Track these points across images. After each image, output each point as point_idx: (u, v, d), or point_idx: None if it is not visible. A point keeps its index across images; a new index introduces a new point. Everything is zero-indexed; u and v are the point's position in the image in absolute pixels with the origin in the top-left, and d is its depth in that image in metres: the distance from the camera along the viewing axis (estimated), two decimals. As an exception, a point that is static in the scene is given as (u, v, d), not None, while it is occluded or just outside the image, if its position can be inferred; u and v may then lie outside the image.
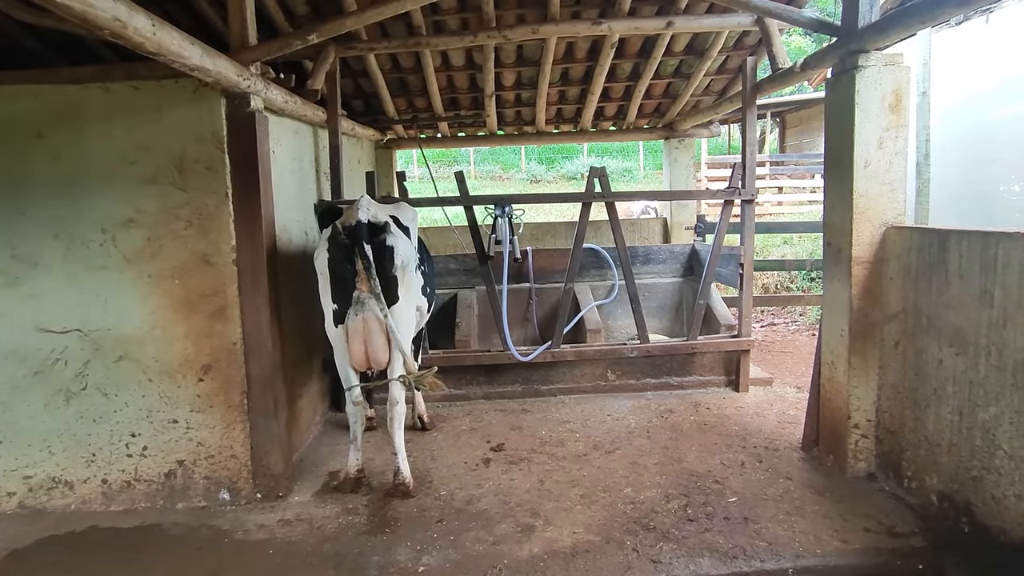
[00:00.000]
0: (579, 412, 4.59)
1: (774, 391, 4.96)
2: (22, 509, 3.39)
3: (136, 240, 3.29)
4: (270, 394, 3.39)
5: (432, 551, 2.89)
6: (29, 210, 3.25)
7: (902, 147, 3.29)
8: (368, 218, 3.25)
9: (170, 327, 3.33)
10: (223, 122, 3.23)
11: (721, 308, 5.19)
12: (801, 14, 3.88)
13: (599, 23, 4.78)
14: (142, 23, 2.34)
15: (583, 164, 19.68)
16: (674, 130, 7.20)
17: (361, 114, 6.40)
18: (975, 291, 2.73)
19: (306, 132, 4.59)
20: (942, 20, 3.37)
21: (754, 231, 4.84)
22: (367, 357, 3.34)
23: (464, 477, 3.63)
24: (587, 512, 3.18)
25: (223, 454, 3.41)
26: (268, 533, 3.11)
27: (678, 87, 6.36)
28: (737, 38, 5.51)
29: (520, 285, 5.50)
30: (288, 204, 4.00)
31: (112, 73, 3.27)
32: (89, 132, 3.23)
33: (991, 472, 2.67)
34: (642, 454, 3.84)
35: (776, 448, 3.87)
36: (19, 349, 3.31)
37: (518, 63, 5.71)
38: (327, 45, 4.58)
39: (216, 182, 3.26)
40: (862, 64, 3.22)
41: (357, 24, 3.79)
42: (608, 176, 4.74)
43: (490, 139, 7.48)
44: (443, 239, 7.22)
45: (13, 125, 3.23)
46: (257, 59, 3.32)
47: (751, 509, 3.15)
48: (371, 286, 3.18)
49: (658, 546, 2.86)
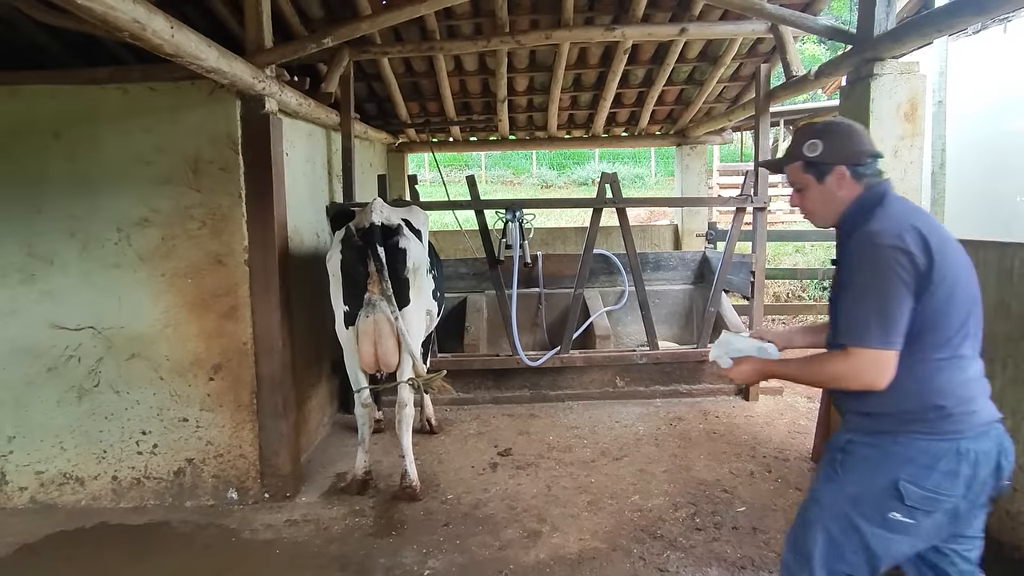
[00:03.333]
0: (587, 418, 4.57)
1: (784, 400, 4.92)
2: (33, 504, 3.42)
3: (150, 239, 3.32)
4: (279, 395, 3.40)
5: (438, 555, 2.89)
6: (46, 208, 3.30)
7: (917, 156, 3.26)
8: (381, 220, 3.26)
9: (182, 326, 3.35)
10: (238, 124, 3.26)
11: (732, 316, 5.16)
12: (816, 22, 3.86)
13: (612, 29, 4.79)
14: (160, 25, 2.37)
15: (594, 170, 19.65)
16: (686, 136, 7.19)
17: (374, 117, 6.44)
18: (991, 302, 2.69)
19: (319, 135, 4.62)
20: (959, 29, 3.34)
21: (766, 239, 4.81)
22: (377, 359, 3.35)
23: (471, 481, 3.63)
24: (594, 519, 3.17)
25: (232, 453, 3.43)
26: (275, 533, 3.12)
27: (691, 94, 6.35)
28: (751, 45, 5.50)
29: (530, 290, 5.49)
30: (300, 206, 4.03)
31: (130, 74, 3.31)
32: (106, 132, 3.27)
33: (1006, 486, 2.63)
34: (650, 461, 3.82)
35: (786, 458, 3.84)
36: (34, 346, 3.35)
37: (531, 68, 5.72)
38: (341, 49, 4.62)
39: (230, 183, 3.28)
40: (877, 72, 3.19)
41: (371, 28, 3.82)
42: (619, 182, 4.73)
43: (502, 144, 7.51)
44: (453, 243, 7.23)
45: (31, 125, 3.27)
46: (272, 62, 3.35)
47: (760, 519, 3.12)
48: (383, 288, 3.19)
49: (665, 555, 2.84)
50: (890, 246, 1.59)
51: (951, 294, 1.61)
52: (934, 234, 1.62)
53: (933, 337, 1.63)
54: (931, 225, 1.65)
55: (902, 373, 1.63)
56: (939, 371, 1.64)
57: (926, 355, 1.64)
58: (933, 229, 1.64)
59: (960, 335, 1.64)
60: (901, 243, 1.58)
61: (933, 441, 1.63)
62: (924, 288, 1.59)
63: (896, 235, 1.59)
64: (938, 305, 1.60)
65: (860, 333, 1.61)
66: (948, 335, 1.63)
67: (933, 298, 1.59)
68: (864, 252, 1.63)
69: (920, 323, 1.61)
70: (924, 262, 1.58)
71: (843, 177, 1.74)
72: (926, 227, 1.62)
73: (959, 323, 1.63)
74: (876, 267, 1.60)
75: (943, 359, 1.64)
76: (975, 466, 1.61)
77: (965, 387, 1.65)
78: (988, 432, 1.65)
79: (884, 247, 1.60)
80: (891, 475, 1.65)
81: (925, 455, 1.63)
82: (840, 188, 1.75)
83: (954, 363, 1.64)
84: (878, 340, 1.59)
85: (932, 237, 1.60)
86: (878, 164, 1.76)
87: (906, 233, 1.60)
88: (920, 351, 1.63)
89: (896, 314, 1.58)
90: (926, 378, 1.64)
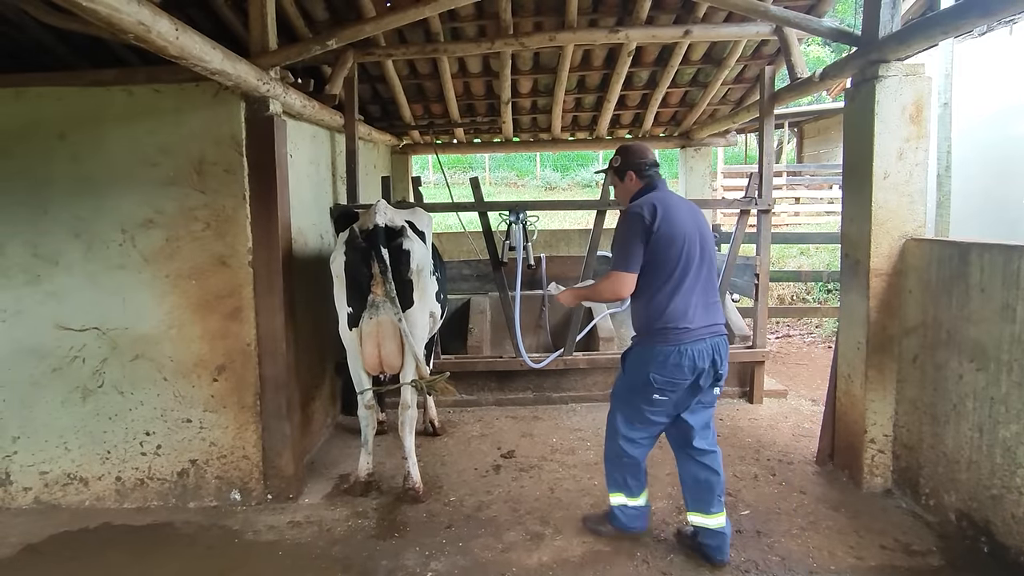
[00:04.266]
0: (591, 420, 4.56)
1: (789, 403, 4.90)
2: (37, 504, 3.43)
3: (155, 241, 3.33)
4: (283, 396, 3.40)
5: (441, 557, 2.88)
6: (51, 209, 3.31)
7: (922, 158, 3.25)
8: (385, 222, 3.26)
9: (186, 327, 3.36)
10: (242, 126, 3.26)
11: (736, 318, 5.14)
12: (821, 23, 3.85)
13: (616, 31, 4.78)
14: (165, 27, 2.38)
15: (598, 172, 19.63)
16: (690, 139, 7.17)
17: (378, 119, 6.44)
18: (997, 305, 2.68)
19: (323, 136, 4.63)
20: (965, 31, 3.34)
21: (770, 241, 4.80)
22: (380, 361, 3.35)
23: (474, 483, 3.62)
24: (597, 521, 3.16)
25: (235, 454, 3.43)
26: (278, 534, 3.12)
27: (695, 96, 6.34)
28: (755, 47, 5.48)
29: (533, 292, 5.48)
30: (304, 207, 4.03)
31: (135, 76, 3.32)
32: (111, 134, 3.29)
33: (1011, 491, 2.61)
34: (653, 464, 3.78)
35: (790, 461, 3.82)
36: (38, 346, 3.36)
37: (535, 70, 5.72)
38: (346, 50, 4.62)
39: (234, 185, 3.29)
40: (882, 74, 3.18)
41: (376, 30, 3.83)
42: (623, 184, 4.72)
43: (506, 146, 7.49)
44: (457, 245, 7.23)
45: (37, 126, 3.29)
46: (277, 64, 3.35)
47: (764, 523, 3.11)
48: (386, 290, 3.19)
49: (668, 558, 2.83)
50: (634, 213, 2.62)
51: (670, 242, 2.57)
52: (664, 205, 2.61)
53: (658, 274, 2.59)
54: (667, 202, 2.64)
55: (643, 304, 2.65)
56: (664, 300, 2.59)
57: (656, 289, 2.60)
58: (668, 204, 2.63)
59: (680, 271, 2.59)
60: (640, 211, 2.60)
61: (665, 347, 2.59)
62: (648, 238, 2.57)
63: (639, 207, 2.62)
64: (658, 249, 2.57)
65: (615, 263, 2.63)
66: (669, 271, 2.58)
67: (656, 245, 2.57)
68: (623, 218, 2.68)
69: (650, 261, 2.58)
70: (650, 222, 2.56)
71: (632, 178, 2.80)
72: (661, 203, 2.61)
73: (675, 262, 2.58)
74: (625, 226, 2.63)
75: (667, 290, 2.59)
76: (694, 359, 2.58)
77: (683, 310, 2.58)
78: (704, 339, 2.61)
79: (631, 214, 2.63)
80: (646, 370, 2.62)
81: (661, 355, 2.59)
82: (631, 183, 2.81)
83: (675, 293, 2.59)
84: (622, 267, 2.60)
85: (661, 207, 2.59)
86: (654, 169, 2.79)
87: (645, 206, 2.61)
88: (653, 286, 2.60)
89: (633, 252, 2.58)
90: (656, 306, 2.60)
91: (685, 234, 2.60)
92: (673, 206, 2.64)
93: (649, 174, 2.77)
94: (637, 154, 2.80)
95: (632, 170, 2.79)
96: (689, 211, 2.70)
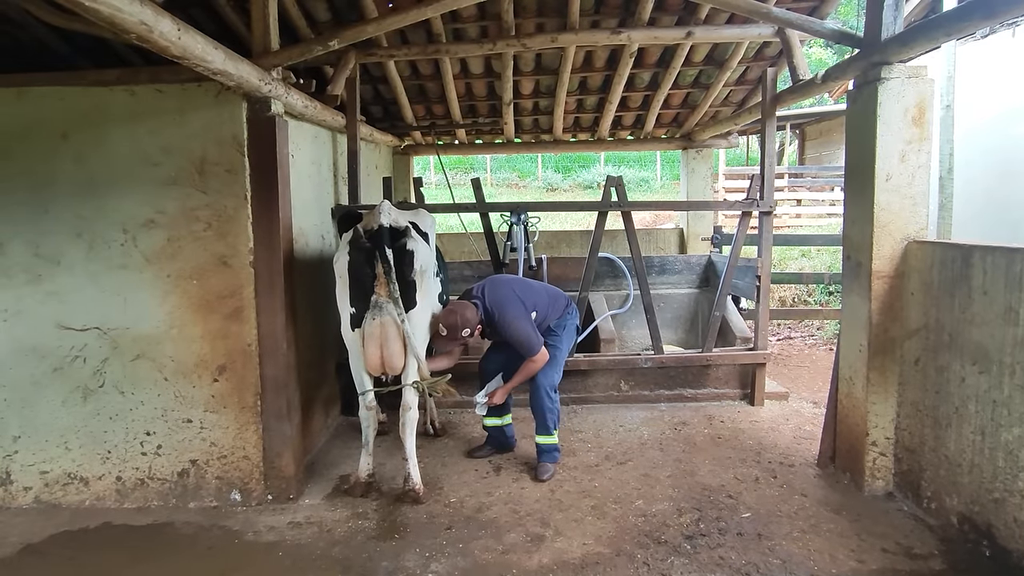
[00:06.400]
0: (591, 422, 4.55)
1: (790, 406, 4.89)
2: (38, 504, 3.43)
3: (156, 241, 3.33)
4: (283, 396, 3.40)
5: (441, 558, 2.88)
6: (53, 209, 3.31)
7: (925, 161, 3.24)
8: (390, 223, 3.25)
9: (187, 327, 3.36)
10: (244, 126, 3.26)
11: (737, 320, 5.14)
12: (823, 25, 3.84)
13: (618, 33, 4.78)
14: (167, 27, 2.38)
15: (600, 173, 19.62)
16: (692, 140, 7.17)
17: (379, 120, 6.45)
18: (999, 308, 2.68)
19: (325, 137, 4.63)
20: (967, 33, 3.33)
21: (772, 243, 4.79)
22: (382, 362, 3.34)
23: (474, 484, 3.62)
24: (598, 523, 3.15)
25: (236, 455, 3.43)
26: (278, 535, 3.12)
27: (697, 97, 6.34)
28: (757, 49, 5.48)
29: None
30: (306, 208, 4.04)
31: (138, 76, 3.32)
32: (113, 134, 3.29)
33: (1014, 495, 2.60)
34: (654, 466, 3.80)
35: (791, 464, 3.82)
36: (40, 346, 3.36)
37: (536, 71, 5.72)
38: (348, 51, 4.63)
39: (236, 185, 3.29)
40: (885, 76, 3.18)
41: (378, 31, 3.83)
42: (624, 185, 4.72)
43: (507, 147, 7.50)
44: (458, 246, 7.23)
45: (39, 126, 3.29)
46: (279, 64, 3.36)
47: (765, 525, 3.10)
48: (390, 290, 3.18)
49: (669, 560, 2.82)
50: (517, 313, 3.67)
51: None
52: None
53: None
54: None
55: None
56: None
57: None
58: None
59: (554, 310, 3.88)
60: (516, 312, 3.68)
61: (563, 318, 3.86)
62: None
63: (514, 314, 3.67)
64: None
65: (531, 347, 3.62)
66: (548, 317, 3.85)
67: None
68: (512, 317, 3.65)
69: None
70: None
71: (476, 328, 3.61)
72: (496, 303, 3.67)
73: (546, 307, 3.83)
74: (516, 322, 3.63)
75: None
76: (571, 319, 3.92)
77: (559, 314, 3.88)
78: (572, 312, 3.93)
79: (513, 317, 3.65)
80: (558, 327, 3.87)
81: (563, 320, 3.88)
82: (477, 329, 3.63)
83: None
84: (538, 346, 3.64)
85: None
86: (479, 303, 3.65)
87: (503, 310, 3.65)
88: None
89: (535, 333, 3.68)
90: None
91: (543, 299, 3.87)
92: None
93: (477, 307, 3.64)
94: (465, 322, 3.49)
95: (469, 328, 3.50)
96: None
